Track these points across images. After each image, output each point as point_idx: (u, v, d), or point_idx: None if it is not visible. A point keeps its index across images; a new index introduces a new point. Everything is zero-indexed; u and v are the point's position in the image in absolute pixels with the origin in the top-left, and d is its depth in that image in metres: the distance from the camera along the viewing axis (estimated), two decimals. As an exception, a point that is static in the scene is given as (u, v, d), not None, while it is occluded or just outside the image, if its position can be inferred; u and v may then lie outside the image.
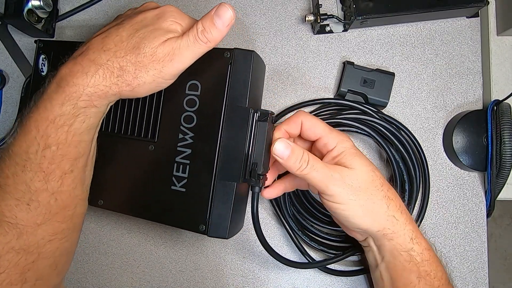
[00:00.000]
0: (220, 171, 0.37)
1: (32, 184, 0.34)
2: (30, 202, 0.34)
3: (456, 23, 0.51)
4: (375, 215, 0.37)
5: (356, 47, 0.51)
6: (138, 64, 0.34)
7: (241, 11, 0.52)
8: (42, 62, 0.46)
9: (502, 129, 0.44)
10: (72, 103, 0.34)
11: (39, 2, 0.48)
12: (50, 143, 0.34)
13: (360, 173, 0.37)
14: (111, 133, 0.42)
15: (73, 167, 0.36)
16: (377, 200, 0.37)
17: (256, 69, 0.39)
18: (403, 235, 0.37)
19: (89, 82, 0.34)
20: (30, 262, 0.35)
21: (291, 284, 0.49)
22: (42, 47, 0.46)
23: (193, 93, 0.39)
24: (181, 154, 0.39)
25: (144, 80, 0.35)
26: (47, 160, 0.34)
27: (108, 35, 0.35)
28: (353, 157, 0.37)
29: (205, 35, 0.34)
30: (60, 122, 0.34)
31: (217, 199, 0.37)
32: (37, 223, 0.35)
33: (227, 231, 0.37)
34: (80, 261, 0.51)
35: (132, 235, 0.51)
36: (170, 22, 0.35)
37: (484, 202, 0.49)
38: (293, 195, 0.47)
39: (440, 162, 0.49)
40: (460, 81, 0.50)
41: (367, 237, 0.40)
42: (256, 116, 0.37)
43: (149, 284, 0.50)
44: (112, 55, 0.34)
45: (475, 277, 0.48)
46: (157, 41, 0.34)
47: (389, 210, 0.37)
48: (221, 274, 0.49)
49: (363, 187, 0.36)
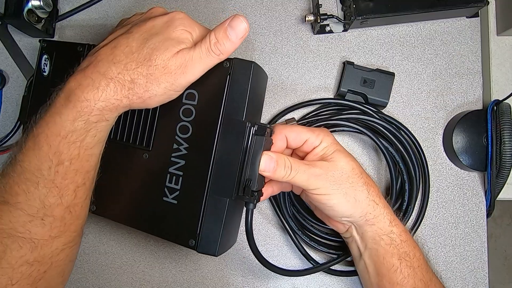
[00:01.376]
0: (212, 185, 0.36)
1: (47, 200, 0.33)
2: (44, 217, 0.34)
3: (456, 23, 0.51)
4: (358, 201, 0.38)
5: (356, 47, 0.51)
6: (149, 76, 0.33)
7: (241, 12, 0.52)
8: (44, 62, 0.46)
9: (502, 129, 0.44)
10: (83, 119, 0.33)
11: (39, 2, 0.48)
12: (63, 159, 0.33)
13: (340, 164, 0.38)
14: (107, 138, 0.41)
15: (85, 180, 0.35)
16: (358, 187, 0.38)
17: (256, 80, 0.37)
18: (383, 219, 0.39)
19: (100, 96, 0.33)
20: (42, 272, 0.35)
21: (291, 284, 0.49)
22: (46, 47, 0.46)
23: (190, 102, 0.38)
24: (175, 165, 0.38)
25: (156, 92, 0.34)
26: (60, 176, 0.33)
27: (117, 46, 0.34)
28: (334, 151, 0.39)
29: (218, 47, 0.34)
30: (72, 138, 0.33)
31: (209, 214, 0.36)
32: (52, 236, 0.35)
33: (217, 248, 0.36)
34: (80, 261, 0.51)
35: (132, 235, 0.51)
36: (180, 31, 0.35)
37: (484, 202, 0.49)
38: (293, 195, 0.47)
39: (440, 162, 0.49)
40: (460, 81, 0.50)
41: (350, 227, 0.41)
42: (253, 130, 0.36)
43: (149, 284, 0.50)
44: (123, 67, 0.34)
45: (475, 277, 0.48)
46: (169, 53, 0.33)
47: (370, 195, 0.39)
48: (221, 274, 0.49)
49: (344, 177, 0.38)
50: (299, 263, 0.49)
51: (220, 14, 0.52)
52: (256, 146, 0.36)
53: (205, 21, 0.52)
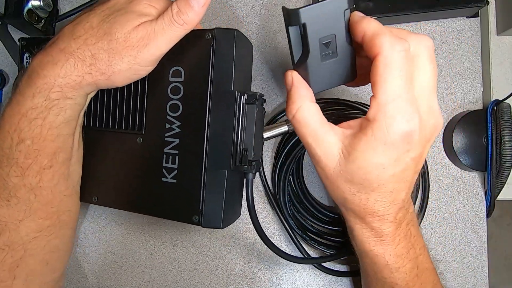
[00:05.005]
0: (209, 159, 0.36)
1: (9, 179, 0.34)
2: (9, 198, 0.34)
3: (456, 23, 0.51)
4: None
5: (356, 47, 0.51)
6: (111, 51, 0.32)
7: (240, 11, 0.52)
8: (27, 61, 0.46)
9: (502, 129, 0.44)
10: (43, 95, 0.33)
11: (39, 2, 0.48)
12: (23, 137, 0.33)
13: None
14: (99, 128, 0.41)
15: (52, 162, 0.35)
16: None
17: (241, 48, 0.36)
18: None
19: (60, 72, 0.33)
20: (18, 259, 0.35)
21: (291, 284, 0.49)
22: (26, 45, 0.45)
23: (177, 79, 0.37)
24: (170, 144, 0.38)
25: (120, 67, 0.33)
26: (22, 155, 0.33)
27: (78, 22, 0.34)
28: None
29: (181, 17, 0.32)
30: (32, 115, 0.33)
31: (209, 188, 0.36)
32: (19, 219, 0.35)
33: (221, 221, 0.36)
34: (80, 261, 0.51)
35: (132, 235, 0.51)
36: (144, 6, 0.34)
37: (484, 202, 0.49)
38: (293, 195, 0.47)
39: (440, 162, 0.49)
40: (460, 81, 0.50)
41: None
42: (243, 99, 0.35)
43: (149, 284, 0.50)
44: (82, 42, 0.33)
45: (475, 277, 0.48)
46: (129, 25, 0.32)
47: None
48: (221, 274, 0.49)
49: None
50: (299, 263, 0.49)
51: (220, 13, 0.52)
52: (248, 115, 0.35)
53: (205, 21, 0.52)
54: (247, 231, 0.49)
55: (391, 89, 0.28)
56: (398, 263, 0.34)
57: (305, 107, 0.31)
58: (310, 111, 0.31)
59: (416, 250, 0.35)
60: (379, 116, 0.28)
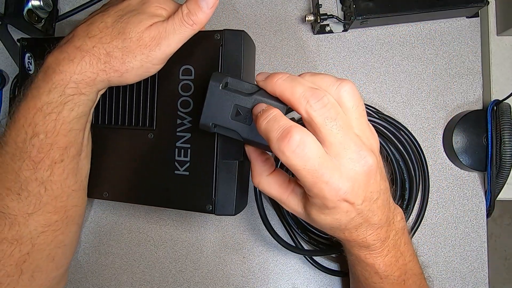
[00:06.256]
0: (221, 151, 0.38)
1: (21, 173, 0.34)
2: (20, 191, 0.35)
3: (456, 23, 0.51)
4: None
5: (356, 47, 0.51)
6: (125, 49, 0.34)
7: (241, 12, 0.52)
8: (28, 61, 0.46)
9: (502, 129, 0.44)
10: (59, 91, 0.34)
11: (39, 2, 0.48)
12: (38, 132, 0.34)
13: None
14: (109, 126, 0.42)
15: (63, 157, 0.36)
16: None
17: (247, 48, 0.39)
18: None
19: (76, 69, 0.34)
20: (25, 254, 0.35)
21: (291, 284, 0.49)
22: (26, 45, 0.46)
23: (187, 77, 0.39)
24: (181, 139, 0.39)
25: (132, 65, 0.35)
26: (35, 149, 0.34)
27: (93, 22, 0.35)
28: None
29: (191, 18, 0.34)
30: (47, 110, 0.34)
31: (221, 178, 0.38)
32: (28, 213, 0.35)
33: (234, 208, 0.38)
34: (80, 261, 0.51)
35: (132, 235, 0.51)
36: (155, 7, 0.35)
37: (484, 202, 0.49)
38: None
39: (440, 162, 0.49)
40: (460, 81, 0.50)
41: None
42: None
43: (149, 284, 0.50)
44: (98, 41, 0.34)
45: (475, 277, 0.48)
46: (142, 26, 0.34)
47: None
48: (221, 274, 0.49)
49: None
50: (298, 262, 0.49)
51: (220, 13, 0.52)
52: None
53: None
54: (247, 231, 0.49)
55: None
56: (387, 272, 0.35)
57: (263, 182, 0.34)
58: (270, 185, 0.34)
59: (406, 258, 0.36)
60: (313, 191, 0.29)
